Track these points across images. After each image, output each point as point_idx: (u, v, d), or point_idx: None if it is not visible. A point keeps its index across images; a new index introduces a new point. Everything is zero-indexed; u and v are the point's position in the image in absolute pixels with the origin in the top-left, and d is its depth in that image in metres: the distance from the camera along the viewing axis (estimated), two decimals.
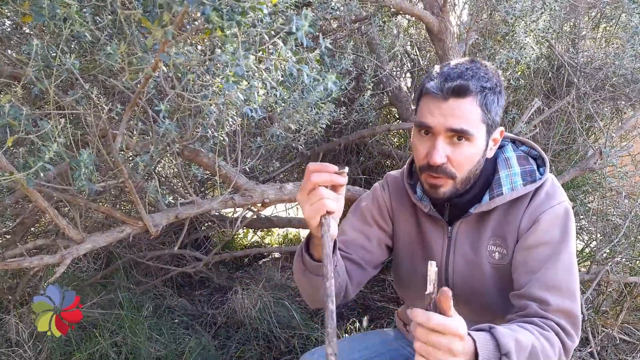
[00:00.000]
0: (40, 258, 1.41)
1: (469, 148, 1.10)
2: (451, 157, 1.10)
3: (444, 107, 1.08)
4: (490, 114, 1.11)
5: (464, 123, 1.07)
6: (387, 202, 1.35)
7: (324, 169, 0.97)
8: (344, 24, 2.20)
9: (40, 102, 1.51)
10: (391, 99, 2.69)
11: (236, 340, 2.41)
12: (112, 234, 1.51)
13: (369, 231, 1.34)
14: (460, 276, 1.25)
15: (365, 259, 1.33)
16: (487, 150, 1.16)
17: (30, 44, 0.83)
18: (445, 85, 1.08)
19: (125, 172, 1.25)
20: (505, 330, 0.96)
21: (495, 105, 1.12)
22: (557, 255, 1.10)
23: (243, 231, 3.77)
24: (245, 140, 1.90)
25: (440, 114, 1.08)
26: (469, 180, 1.15)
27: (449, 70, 1.11)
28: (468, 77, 1.08)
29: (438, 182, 1.13)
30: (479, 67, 1.12)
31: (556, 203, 1.14)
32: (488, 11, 2.35)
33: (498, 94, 1.12)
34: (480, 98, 1.08)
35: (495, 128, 1.16)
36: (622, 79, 2.52)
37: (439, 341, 0.83)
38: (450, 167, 1.11)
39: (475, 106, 1.08)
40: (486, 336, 0.94)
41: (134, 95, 1.05)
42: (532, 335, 0.99)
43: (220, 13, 0.61)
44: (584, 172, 2.23)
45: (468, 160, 1.11)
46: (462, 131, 1.07)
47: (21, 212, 2.02)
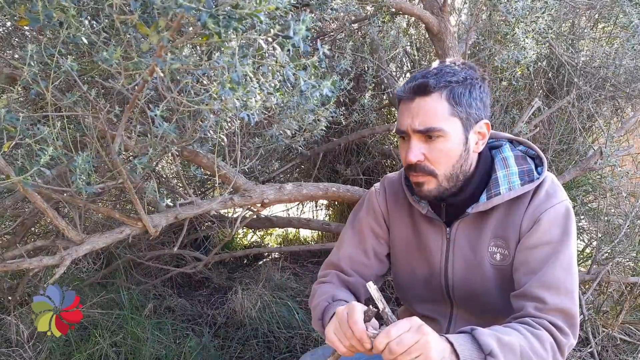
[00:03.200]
0: (40, 259, 1.41)
1: (443, 143, 1.12)
2: (426, 154, 1.13)
3: (412, 108, 1.12)
4: (460, 106, 1.11)
5: (428, 122, 1.10)
6: (382, 208, 1.36)
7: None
8: (343, 24, 2.20)
9: (39, 103, 1.52)
10: (391, 100, 2.69)
11: (236, 341, 2.42)
12: (111, 235, 1.51)
13: (366, 245, 1.35)
14: (460, 278, 1.25)
15: (365, 275, 1.36)
16: (470, 144, 1.15)
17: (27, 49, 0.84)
18: (407, 86, 1.12)
19: (124, 173, 1.25)
20: (486, 331, 0.98)
21: (467, 97, 1.12)
22: (557, 254, 1.11)
23: (243, 231, 3.78)
24: (245, 140, 1.91)
25: (409, 115, 1.12)
26: (456, 177, 1.16)
27: (416, 73, 1.16)
28: (430, 75, 1.11)
29: (419, 180, 1.16)
30: (446, 65, 1.15)
31: (557, 202, 1.15)
32: (488, 11, 2.35)
33: (470, 87, 1.13)
34: (446, 92, 1.10)
35: (476, 121, 1.15)
36: (622, 78, 2.52)
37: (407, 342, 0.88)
38: (428, 164, 1.14)
39: (441, 101, 1.10)
40: (465, 337, 0.96)
41: (132, 98, 1.06)
42: (519, 334, 1.00)
43: (217, 20, 0.61)
44: (584, 171, 2.23)
45: (445, 155, 1.13)
46: (428, 130, 1.10)
47: (21, 213, 2.02)
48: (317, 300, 1.24)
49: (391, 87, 2.54)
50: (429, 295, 1.32)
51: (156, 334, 2.29)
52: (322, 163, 3.08)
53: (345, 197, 1.86)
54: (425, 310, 1.35)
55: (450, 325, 1.32)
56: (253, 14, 0.63)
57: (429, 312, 1.35)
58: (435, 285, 1.29)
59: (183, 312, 2.67)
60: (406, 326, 0.90)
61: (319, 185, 1.80)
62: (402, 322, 0.91)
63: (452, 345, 0.93)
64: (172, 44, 0.73)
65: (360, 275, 1.35)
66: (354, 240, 1.37)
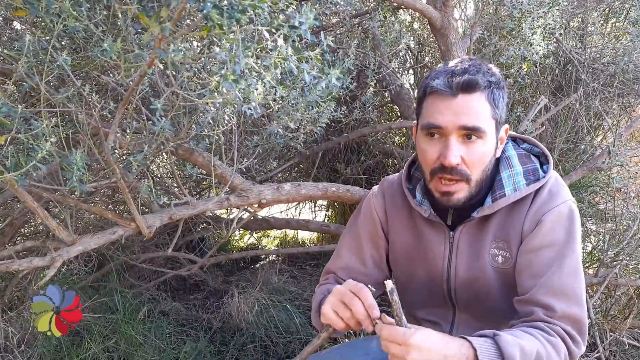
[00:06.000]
0: (30, 260, 1.41)
1: (482, 146, 1.08)
2: (465, 157, 1.08)
3: (454, 105, 1.06)
4: (498, 109, 1.10)
5: (476, 120, 1.06)
6: (379, 214, 1.35)
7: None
8: (343, 19, 2.20)
9: (31, 99, 1.52)
10: (393, 97, 2.69)
11: (232, 346, 2.42)
12: (103, 236, 1.51)
13: (364, 254, 1.35)
14: (462, 282, 1.24)
15: (365, 284, 1.36)
16: (496, 150, 1.15)
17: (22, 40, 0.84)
18: (453, 81, 1.06)
19: (117, 171, 1.25)
20: (510, 338, 0.96)
21: (502, 100, 1.12)
22: (562, 258, 1.09)
23: (239, 233, 3.77)
24: (242, 138, 1.91)
25: (451, 112, 1.06)
26: (481, 182, 1.13)
27: (452, 67, 1.10)
28: (474, 72, 1.07)
29: (452, 189, 1.11)
30: (480, 63, 1.12)
31: (560, 202, 1.13)
32: (494, 6, 2.36)
33: (502, 90, 1.12)
34: (487, 93, 1.08)
35: (502, 125, 1.16)
36: (631, 75, 2.52)
37: (394, 352, 0.93)
38: (464, 167, 1.09)
39: (484, 102, 1.07)
40: (489, 343, 0.95)
41: (127, 93, 1.06)
42: (537, 341, 1.00)
43: (220, 11, 0.61)
44: (591, 171, 2.24)
45: (481, 159, 1.10)
46: (475, 128, 1.06)
47: (10, 213, 2.02)
48: (315, 298, 1.29)
49: (393, 84, 2.54)
50: (431, 299, 1.32)
51: (150, 338, 2.29)
52: (322, 162, 3.08)
53: (345, 198, 1.86)
54: (427, 315, 1.35)
55: (452, 330, 1.32)
56: (256, 5, 0.63)
57: (430, 317, 1.35)
58: (437, 290, 1.29)
59: (178, 316, 2.67)
60: (403, 338, 0.93)
61: (318, 185, 1.80)
62: (408, 332, 0.94)
63: (475, 352, 0.93)
64: (172, 36, 0.74)
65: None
66: (351, 248, 1.37)
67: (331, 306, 1.05)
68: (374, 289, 1.02)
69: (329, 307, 1.05)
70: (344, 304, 1.03)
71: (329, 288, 1.25)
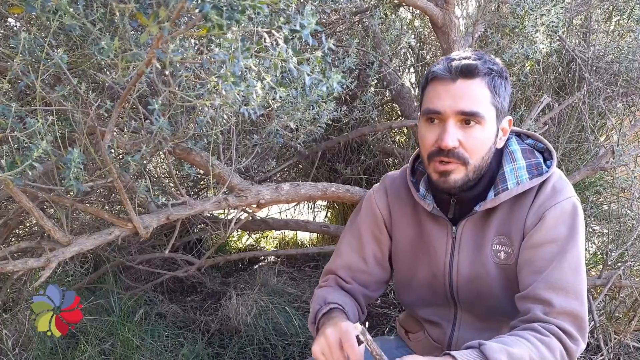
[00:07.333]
0: (25, 261, 1.41)
1: (480, 132, 1.11)
2: (463, 141, 1.11)
3: (453, 89, 1.10)
4: (499, 97, 1.13)
5: (474, 105, 1.09)
6: (382, 210, 1.36)
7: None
8: (343, 16, 2.21)
9: (26, 97, 1.52)
10: (394, 96, 2.70)
11: (231, 349, 2.42)
12: (100, 236, 1.51)
13: (365, 251, 1.36)
14: (465, 278, 1.25)
15: (366, 282, 1.37)
16: (497, 139, 1.17)
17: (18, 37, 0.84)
18: (452, 65, 1.10)
19: (114, 171, 1.25)
20: (496, 346, 0.97)
21: (503, 89, 1.14)
22: (563, 253, 1.10)
23: (237, 233, 3.78)
24: (240, 138, 1.91)
25: (449, 96, 1.10)
26: (481, 169, 1.15)
27: (454, 55, 1.14)
28: (475, 59, 1.11)
29: (448, 168, 1.13)
30: (483, 54, 1.15)
31: (563, 198, 1.14)
32: (496, 3, 2.36)
33: (505, 80, 1.15)
34: (488, 80, 1.11)
35: (504, 115, 1.18)
36: (635, 74, 2.53)
37: None
38: (462, 151, 1.12)
39: (484, 87, 1.10)
40: (474, 354, 0.96)
41: (124, 92, 1.06)
42: (528, 344, 1.00)
43: (220, 11, 0.61)
44: (595, 171, 2.24)
45: (480, 145, 1.12)
46: (472, 113, 1.09)
47: (4, 213, 2.02)
48: (313, 305, 1.29)
49: (394, 83, 2.55)
50: (433, 298, 1.32)
51: (147, 341, 2.29)
52: (321, 162, 3.08)
53: (345, 198, 1.86)
54: (429, 314, 1.36)
55: (454, 330, 1.32)
56: (256, 5, 0.64)
57: (432, 317, 1.35)
58: (439, 287, 1.29)
59: (175, 318, 2.67)
60: None
61: (318, 185, 1.80)
62: None
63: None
64: (171, 35, 0.74)
65: (360, 283, 1.36)
66: (352, 246, 1.37)
67: (320, 349, 1.07)
68: (362, 327, 1.02)
69: (319, 349, 1.07)
70: (332, 350, 1.05)
71: (325, 298, 1.27)
